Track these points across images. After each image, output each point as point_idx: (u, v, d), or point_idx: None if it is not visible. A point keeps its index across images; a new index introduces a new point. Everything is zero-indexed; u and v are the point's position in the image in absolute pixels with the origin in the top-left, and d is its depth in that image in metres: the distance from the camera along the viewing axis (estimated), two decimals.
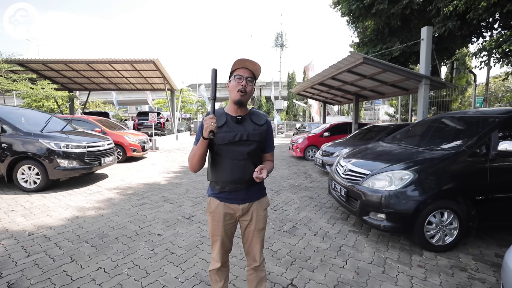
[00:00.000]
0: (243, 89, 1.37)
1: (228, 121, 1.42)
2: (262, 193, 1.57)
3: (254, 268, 1.57)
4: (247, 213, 1.51)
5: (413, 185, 2.68)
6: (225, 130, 1.40)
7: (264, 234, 1.59)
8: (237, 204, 1.47)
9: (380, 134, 6.20)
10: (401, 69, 5.82)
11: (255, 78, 1.44)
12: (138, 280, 2.14)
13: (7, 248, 2.62)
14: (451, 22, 6.44)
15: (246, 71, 1.39)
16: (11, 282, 2.08)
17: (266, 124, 1.49)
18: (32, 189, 4.56)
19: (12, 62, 10.99)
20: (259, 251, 1.55)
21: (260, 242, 1.55)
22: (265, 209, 1.57)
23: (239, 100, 1.39)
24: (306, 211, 3.87)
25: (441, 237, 2.71)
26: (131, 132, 8.62)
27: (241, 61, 1.38)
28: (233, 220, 1.52)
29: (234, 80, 1.39)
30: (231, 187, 1.44)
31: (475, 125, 3.17)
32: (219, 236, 1.49)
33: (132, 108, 49.03)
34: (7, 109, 5.16)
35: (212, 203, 1.50)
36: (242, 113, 1.45)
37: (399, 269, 2.39)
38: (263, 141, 1.48)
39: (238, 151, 1.40)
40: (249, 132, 1.42)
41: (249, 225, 1.52)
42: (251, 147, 1.42)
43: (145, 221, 3.37)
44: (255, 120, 1.46)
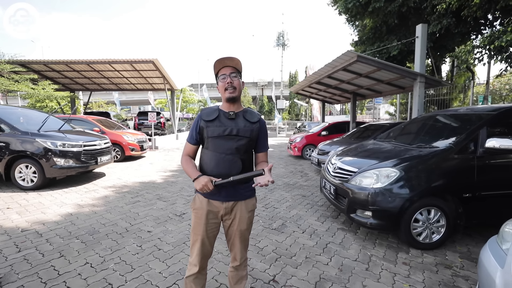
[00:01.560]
0: (230, 85, 1.40)
1: (220, 116, 1.45)
2: (249, 193, 1.52)
3: (235, 266, 1.58)
4: (231, 212, 1.49)
5: (399, 183, 2.69)
6: (216, 124, 1.43)
7: (248, 235, 1.58)
8: (220, 202, 1.46)
9: (377, 133, 6.18)
10: (395, 67, 5.80)
11: (240, 72, 1.46)
12: (123, 275, 2.18)
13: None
14: (446, 19, 6.40)
15: (228, 68, 1.42)
16: (0, 276, 2.13)
17: (259, 123, 1.49)
18: (29, 187, 4.64)
19: (14, 63, 11.16)
20: (240, 251, 1.55)
21: (242, 243, 1.54)
22: (251, 210, 1.53)
23: (230, 97, 1.42)
24: (297, 209, 3.89)
25: (428, 234, 2.71)
26: (129, 132, 8.70)
27: (219, 61, 1.42)
28: (216, 220, 1.49)
29: (220, 81, 1.43)
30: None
31: (464, 122, 3.16)
32: (199, 235, 1.47)
33: (135, 108, 49.32)
34: (6, 109, 5.26)
35: (197, 199, 1.50)
36: (235, 110, 1.47)
37: (383, 266, 2.40)
38: (254, 139, 1.47)
39: (226, 146, 1.41)
40: (239, 128, 1.43)
41: (231, 225, 1.51)
42: (240, 143, 1.42)
43: (136, 218, 3.42)
44: (247, 117, 1.47)
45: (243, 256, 1.57)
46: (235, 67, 1.44)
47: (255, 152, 1.56)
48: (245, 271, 1.61)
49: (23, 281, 2.07)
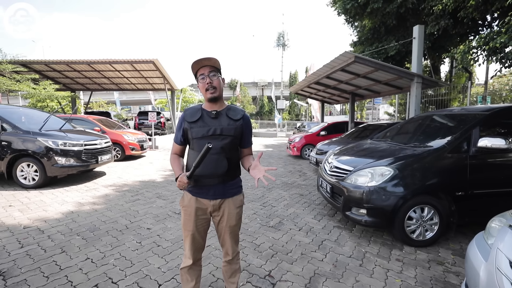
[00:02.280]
0: (210, 85, 1.40)
1: (203, 116, 1.45)
2: (236, 190, 1.55)
3: (227, 261, 1.62)
4: (219, 209, 1.51)
5: (393, 181, 2.75)
6: (199, 125, 1.43)
7: (238, 230, 1.61)
8: (208, 200, 1.48)
9: (375, 133, 6.24)
10: (392, 68, 5.85)
11: (219, 70, 1.46)
12: (123, 269, 2.24)
13: (2, 240, 2.75)
14: (444, 20, 6.46)
15: (206, 68, 1.41)
16: (3, 271, 2.19)
17: (242, 120, 1.48)
18: (31, 186, 4.71)
19: (16, 63, 11.25)
20: (231, 246, 1.58)
21: (232, 238, 1.57)
22: (239, 207, 1.55)
23: (212, 97, 1.42)
24: (294, 207, 3.95)
25: (422, 232, 2.77)
26: (130, 131, 8.77)
27: (197, 62, 1.40)
28: (205, 216, 1.52)
29: (200, 82, 1.43)
30: (204, 181, 1.45)
31: (458, 122, 3.22)
32: (190, 231, 1.51)
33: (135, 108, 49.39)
34: (8, 108, 5.33)
35: (186, 197, 1.53)
36: (218, 108, 1.46)
37: (376, 263, 2.46)
38: (238, 136, 1.47)
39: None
40: (223, 127, 1.43)
41: (221, 221, 1.53)
42: (225, 142, 1.42)
43: (136, 216, 3.48)
44: (231, 115, 1.46)
45: (234, 250, 1.60)
46: (214, 66, 1.42)
47: (241, 147, 1.57)
48: (238, 265, 1.65)
49: (26, 275, 2.13)
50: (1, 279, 2.09)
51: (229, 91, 39.09)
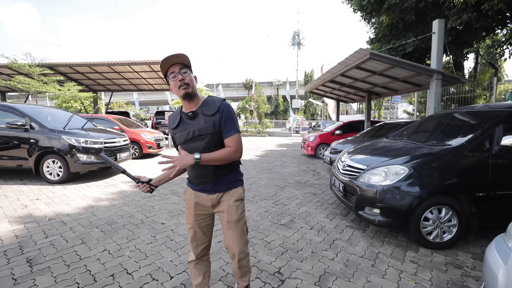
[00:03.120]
0: (182, 82, 1.35)
1: (182, 119, 1.43)
2: (233, 184, 1.50)
3: (236, 264, 1.56)
4: (219, 204, 1.49)
5: (408, 180, 2.66)
6: (180, 129, 1.43)
7: (242, 227, 1.53)
8: (206, 194, 1.48)
9: (391, 131, 6.05)
10: (410, 64, 5.63)
11: (189, 67, 1.40)
12: (137, 261, 2.33)
13: (29, 230, 2.95)
14: (466, 14, 6.11)
15: (176, 66, 1.36)
16: (30, 258, 2.36)
17: (218, 112, 1.38)
18: (56, 181, 4.99)
19: (43, 66, 11.93)
20: (234, 244, 1.51)
21: (235, 235, 1.50)
22: (237, 200, 1.49)
23: (185, 94, 1.36)
24: (307, 206, 3.92)
25: (439, 234, 2.67)
26: (147, 130, 9.05)
27: (165, 61, 1.34)
28: (206, 211, 1.52)
29: (171, 80, 1.37)
30: (199, 181, 1.47)
31: (480, 119, 3.06)
32: (190, 225, 1.52)
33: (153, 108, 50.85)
34: (36, 108, 5.67)
35: (187, 191, 1.57)
36: (194, 108, 1.41)
37: (389, 264, 2.40)
38: (217, 131, 1.38)
39: (195, 148, 1.38)
40: (200, 127, 1.38)
41: (222, 217, 1.51)
42: (206, 141, 1.38)
43: (151, 211, 3.60)
44: (205, 112, 1.39)
45: (241, 250, 1.53)
46: (183, 63, 1.37)
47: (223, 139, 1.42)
48: (248, 267, 1.59)
49: (50, 263, 2.28)
50: (28, 265, 2.24)
51: (244, 90, 39.29)
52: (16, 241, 2.69)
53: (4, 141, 5.00)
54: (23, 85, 11.49)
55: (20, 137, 4.96)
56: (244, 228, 1.55)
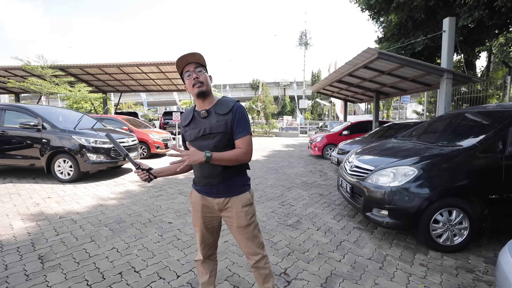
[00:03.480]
0: (197, 81, 1.36)
1: (195, 117, 1.44)
2: (241, 189, 1.47)
3: (253, 266, 1.52)
4: (226, 209, 1.46)
5: (417, 182, 2.62)
6: (191, 127, 1.43)
7: (252, 231, 1.50)
8: (212, 198, 1.46)
9: (400, 132, 5.97)
10: (419, 63, 5.52)
11: (204, 66, 1.42)
12: (145, 260, 2.36)
13: (41, 227, 3.03)
14: (478, 11, 5.94)
15: (191, 65, 1.38)
16: (42, 254, 2.42)
17: (231, 112, 1.38)
18: (66, 180, 5.10)
19: (55, 68, 12.24)
20: (248, 248, 1.49)
21: (247, 240, 1.48)
22: (246, 205, 1.46)
23: (199, 92, 1.37)
24: (313, 207, 3.89)
25: (449, 236, 2.60)
26: (155, 131, 9.16)
27: (181, 59, 1.36)
28: (213, 214, 1.50)
29: (186, 79, 1.39)
30: (205, 181, 1.44)
31: (493, 120, 2.98)
32: (198, 227, 1.52)
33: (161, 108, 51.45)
34: (48, 109, 5.82)
35: (193, 194, 1.55)
36: (207, 107, 1.42)
37: (398, 266, 2.36)
38: (229, 131, 1.38)
39: (204, 146, 1.37)
40: (212, 125, 1.38)
41: (231, 223, 1.48)
42: (216, 139, 1.38)
43: (159, 210, 3.64)
44: (218, 111, 1.40)
45: (255, 253, 1.50)
46: (198, 62, 1.39)
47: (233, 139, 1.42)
48: (268, 269, 1.55)
49: (60, 260, 2.33)
50: (40, 262, 2.30)
51: (251, 91, 39.34)
52: (28, 238, 2.76)
53: (18, 140, 5.15)
54: (36, 87, 11.81)
55: (32, 137, 5.10)
56: (255, 232, 1.51)
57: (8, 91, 16.12)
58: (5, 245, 2.60)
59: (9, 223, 3.15)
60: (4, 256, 2.39)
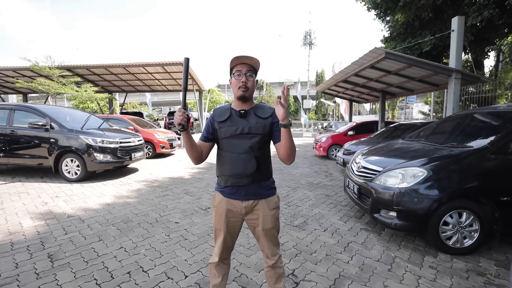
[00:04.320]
0: (244, 85, 1.38)
1: (232, 115, 1.44)
2: (270, 192, 1.48)
3: (271, 265, 1.53)
4: (252, 212, 1.46)
5: (426, 183, 2.58)
6: (228, 124, 1.42)
7: (277, 232, 1.53)
8: (239, 201, 1.44)
9: (407, 132, 5.91)
10: (427, 63, 5.45)
11: (255, 72, 1.43)
12: (152, 260, 2.37)
13: (50, 226, 3.06)
14: (488, 10, 5.84)
15: (245, 66, 1.39)
16: (51, 253, 2.45)
17: (271, 117, 1.43)
18: (74, 179, 5.16)
19: (62, 68, 12.38)
20: (270, 249, 1.51)
21: (271, 241, 1.50)
22: (274, 208, 1.48)
23: (242, 96, 1.39)
24: (320, 208, 3.87)
25: (459, 239, 2.57)
26: (160, 130, 9.21)
27: (238, 58, 1.38)
28: (237, 218, 1.48)
29: (234, 77, 1.40)
30: (233, 181, 1.42)
31: (504, 120, 2.93)
32: (221, 231, 1.49)
33: (166, 109, 51.74)
34: (55, 109, 5.89)
35: (217, 197, 1.50)
36: (246, 107, 1.45)
37: (407, 268, 2.33)
38: (267, 134, 1.42)
39: (239, 145, 1.39)
40: (251, 125, 1.40)
41: (256, 225, 1.47)
42: (254, 140, 1.39)
43: (165, 210, 3.66)
44: (259, 113, 1.43)
45: (275, 253, 1.52)
46: (253, 66, 1.40)
47: (274, 143, 1.46)
48: (282, 269, 1.57)
49: (69, 259, 2.35)
50: (49, 261, 2.33)
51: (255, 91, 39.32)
52: (37, 236, 2.80)
53: (27, 140, 5.22)
54: (44, 87, 11.96)
55: (41, 136, 5.17)
56: (276, 233, 1.54)
57: (16, 91, 16.38)
58: (15, 244, 2.63)
59: (19, 222, 3.19)
60: (14, 255, 2.42)
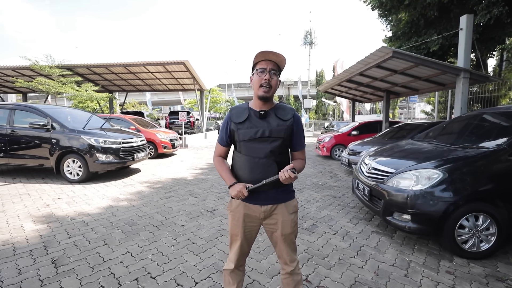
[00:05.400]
0: (267, 83, 1.27)
1: (251, 116, 1.35)
2: (289, 195, 1.42)
3: (289, 272, 1.45)
4: (271, 216, 1.39)
5: (442, 185, 2.50)
6: (246, 126, 1.33)
7: (295, 237, 1.47)
8: (258, 205, 1.37)
9: (413, 133, 5.84)
10: (436, 62, 5.37)
11: (280, 70, 1.33)
12: (160, 265, 2.29)
13: (53, 230, 2.98)
14: (497, 8, 5.76)
15: (270, 63, 1.28)
16: (55, 258, 2.36)
17: (292, 119, 1.35)
18: (76, 180, 5.07)
19: (63, 67, 12.27)
20: (289, 255, 1.44)
21: (289, 246, 1.44)
22: (293, 213, 1.42)
23: (263, 96, 1.29)
24: (328, 209, 3.79)
25: (476, 243, 2.49)
26: (162, 130, 9.12)
27: (263, 53, 1.26)
28: (254, 223, 1.42)
29: (257, 74, 1.29)
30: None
31: None
32: (238, 236, 1.43)
33: (165, 108, 51.62)
34: (57, 108, 5.79)
35: (234, 202, 1.43)
36: (266, 108, 1.35)
37: (424, 274, 2.25)
38: (288, 138, 1.35)
39: (259, 149, 1.31)
40: (272, 128, 1.31)
41: (275, 230, 1.41)
42: (274, 144, 1.31)
43: (170, 212, 3.58)
44: (280, 115, 1.34)
45: (293, 259, 1.46)
46: (278, 64, 1.31)
47: (291, 150, 1.43)
48: (300, 275, 1.49)
49: (74, 265, 2.27)
50: (53, 266, 2.24)
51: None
52: (40, 240, 2.71)
53: (27, 140, 5.13)
54: (44, 86, 11.86)
55: (42, 136, 5.08)
56: (295, 238, 1.48)
57: (16, 90, 16.27)
58: (17, 248, 2.55)
59: (21, 225, 3.10)
60: (17, 260, 2.34)
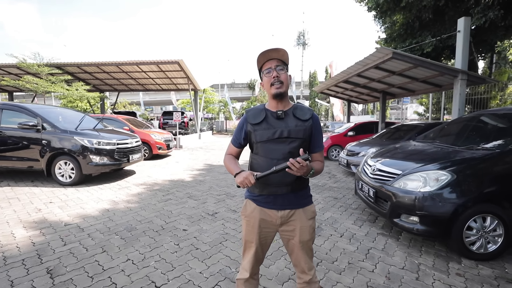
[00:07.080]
0: (277, 79, 1.26)
1: (268, 117, 1.31)
2: (307, 200, 1.37)
3: (307, 281, 1.37)
4: (288, 222, 1.34)
5: (450, 187, 2.48)
6: (264, 127, 1.30)
7: (312, 244, 1.40)
8: (275, 210, 1.32)
9: (410, 134, 5.89)
10: (434, 64, 5.42)
11: (286, 64, 1.30)
12: (165, 273, 2.18)
13: (46, 236, 2.81)
14: (493, 11, 5.87)
15: (273, 61, 1.27)
16: (50, 268, 2.21)
17: (311, 120, 1.32)
18: (68, 183, 4.86)
19: (52, 66, 11.88)
20: (307, 263, 1.37)
21: (307, 254, 1.37)
22: (311, 218, 1.36)
23: (277, 93, 1.26)
24: (331, 211, 3.75)
25: (483, 244, 2.48)
26: (156, 131, 8.93)
27: (263, 55, 1.27)
28: (270, 229, 1.36)
29: (265, 76, 1.29)
30: (270, 190, 1.30)
31: None
32: (253, 243, 1.36)
33: (157, 108, 50.94)
34: (47, 108, 5.56)
35: (248, 206, 1.38)
36: (283, 108, 1.32)
37: (434, 277, 2.22)
38: (307, 139, 1.31)
39: (278, 150, 1.27)
40: (290, 128, 1.28)
41: (292, 237, 1.35)
42: (293, 145, 1.27)
43: (170, 216, 3.45)
44: (298, 115, 1.31)
45: (311, 266, 1.38)
46: (281, 59, 1.28)
47: (309, 152, 1.38)
48: (318, 284, 1.41)
49: (72, 275, 2.13)
50: (49, 277, 2.09)
51: (249, 91, 39.18)
52: (33, 248, 2.55)
53: (16, 141, 4.90)
54: (32, 85, 11.44)
55: (32, 137, 4.85)
56: (312, 245, 1.40)
57: (1, 89, 15.67)
58: (8, 258, 2.38)
59: (11, 232, 2.92)
60: (8, 270, 2.18)
